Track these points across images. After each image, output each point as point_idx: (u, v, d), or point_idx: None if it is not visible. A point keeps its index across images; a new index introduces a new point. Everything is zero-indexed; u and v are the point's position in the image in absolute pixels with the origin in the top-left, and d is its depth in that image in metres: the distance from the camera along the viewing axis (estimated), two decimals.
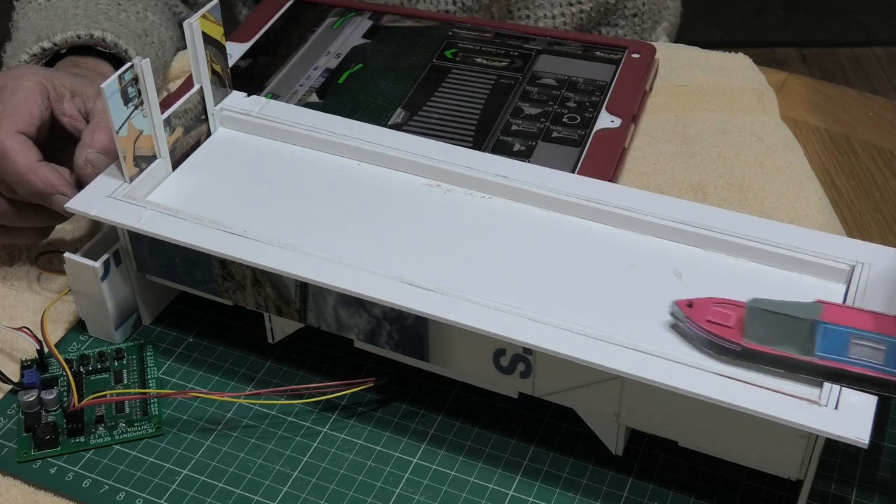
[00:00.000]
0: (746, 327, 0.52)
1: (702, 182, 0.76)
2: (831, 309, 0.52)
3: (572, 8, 0.95)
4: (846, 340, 0.51)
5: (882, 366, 0.51)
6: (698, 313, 0.54)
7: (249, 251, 0.58)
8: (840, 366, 0.51)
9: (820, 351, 0.51)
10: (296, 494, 0.58)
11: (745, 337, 0.52)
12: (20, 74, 0.68)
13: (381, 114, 0.78)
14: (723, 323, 0.53)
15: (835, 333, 0.51)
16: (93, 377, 0.64)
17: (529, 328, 0.54)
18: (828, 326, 0.51)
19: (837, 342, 0.51)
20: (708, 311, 0.54)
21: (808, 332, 0.51)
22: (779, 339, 0.52)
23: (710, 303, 0.54)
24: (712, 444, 0.55)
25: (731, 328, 0.53)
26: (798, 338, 0.52)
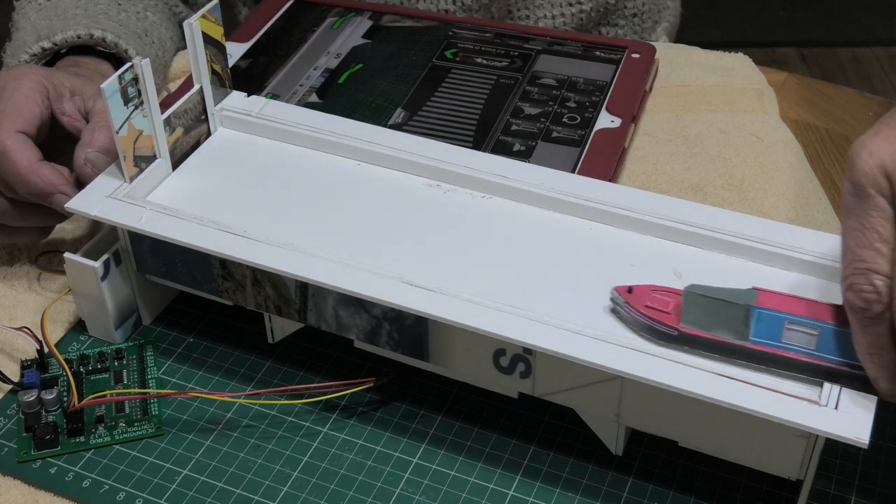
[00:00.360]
0: (683, 313, 0.53)
1: (702, 182, 0.76)
2: (766, 295, 0.53)
3: (572, 8, 0.95)
4: (780, 326, 0.52)
5: (815, 351, 0.52)
6: (637, 299, 0.54)
7: (249, 251, 0.58)
8: (774, 351, 0.52)
9: (754, 336, 0.52)
10: (296, 494, 0.58)
11: (682, 322, 0.53)
12: (20, 74, 0.68)
13: (381, 114, 0.78)
14: (661, 308, 0.54)
15: (769, 319, 0.52)
16: (93, 377, 0.64)
17: (529, 328, 0.54)
18: (762, 312, 0.52)
19: (771, 328, 0.52)
20: (647, 297, 0.55)
21: (742, 317, 0.52)
22: (715, 324, 0.53)
23: (648, 289, 0.55)
24: (712, 445, 0.55)
25: (668, 314, 0.54)
26: (733, 323, 0.52)
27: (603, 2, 0.96)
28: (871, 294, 0.48)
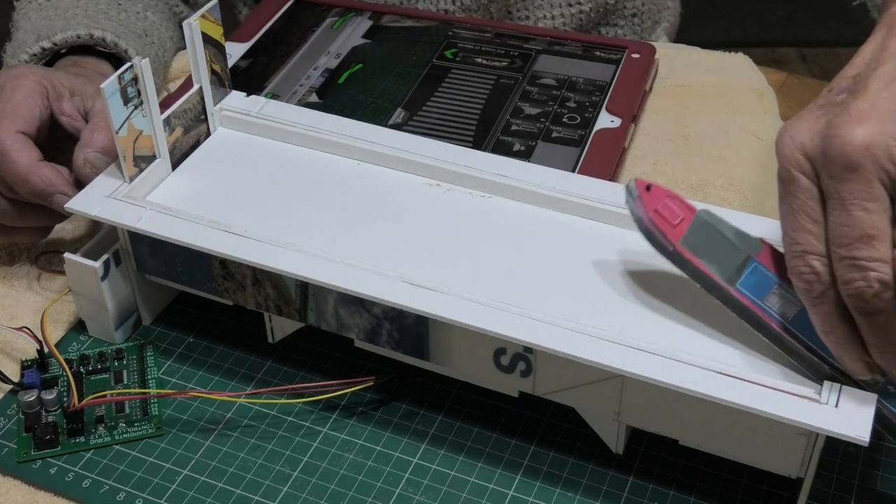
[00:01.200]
0: (688, 232, 0.52)
1: (702, 182, 0.76)
2: (770, 253, 0.52)
3: (572, 9, 0.95)
4: (769, 287, 0.52)
5: (788, 323, 0.52)
6: (651, 199, 0.53)
7: (249, 251, 0.58)
8: (751, 307, 0.52)
9: (741, 285, 0.52)
10: (296, 494, 0.58)
11: (681, 241, 0.52)
12: (20, 74, 0.68)
13: (381, 114, 0.78)
14: (668, 219, 0.53)
15: (762, 276, 0.52)
16: (93, 377, 0.64)
17: (530, 327, 0.54)
18: (759, 266, 0.52)
19: (760, 284, 0.52)
20: (660, 201, 0.53)
21: (740, 263, 0.52)
22: (711, 257, 0.52)
23: (665, 194, 0.54)
24: (713, 443, 0.55)
25: (673, 227, 0.53)
26: (728, 264, 0.52)
27: (602, 2, 0.96)
28: (809, 275, 0.48)
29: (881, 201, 0.46)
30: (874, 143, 0.45)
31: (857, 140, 0.46)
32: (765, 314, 0.52)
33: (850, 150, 0.46)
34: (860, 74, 0.48)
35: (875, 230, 0.46)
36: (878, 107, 0.46)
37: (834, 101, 0.48)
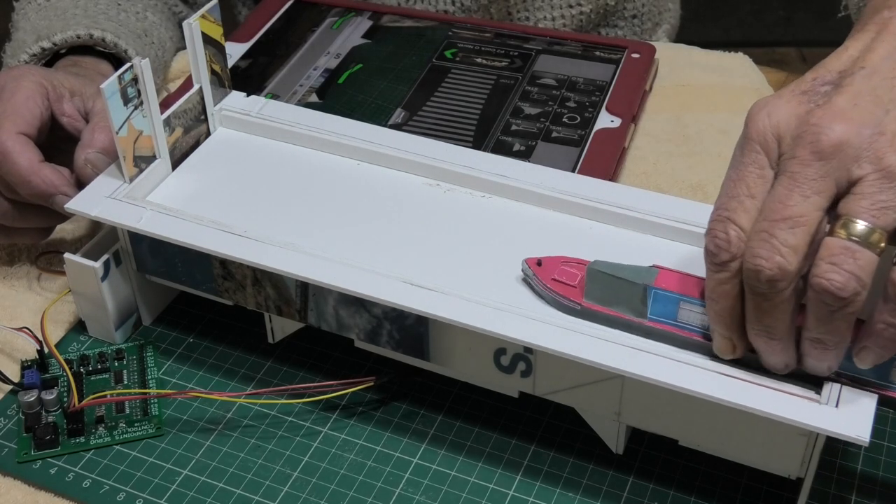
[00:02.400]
0: (587, 288, 0.55)
1: (702, 182, 0.76)
2: (666, 275, 0.54)
3: (572, 10, 0.95)
4: (675, 305, 0.53)
5: (706, 330, 0.53)
6: (546, 272, 0.56)
7: (249, 251, 0.58)
8: (670, 329, 0.53)
9: (652, 314, 0.54)
10: (296, 495, 0.58)
11: (585, 297, 0.55)
12: (19, 75, 0.68)
13: (381, 114, 0.78)
14: (567, 282, 0.55)
15: (665, 298, 0.53)
16: (93, 377, 0.64)
17: (530, 327, 0.54)
18: (659, 292, 0.53)
19: (667, 307, 0.53)
20: (555, 269, 0.56)
21: (641, 295, 0.53)
22: (616, 300, 0.54)
23: (558, 262, 0.56)
24: (713, 443, 0.55)
25: (573, 287, 0.55)
26: (632, 301, 0.54)
27: (602, 3, 0.96)
28: (723, 242, 0.49)
29: (824, 197, 0.47)
30: (848, 143, 0.46)
31: (834, 135, 0.46)
32: (684, 331, 0.53)
33: (825, 142, 0.47)
34: (846, 71, 0.49)
35: (804, 219, 0.47)
36: (859, 108, 0.47)
37: (818, 90, 0.49)
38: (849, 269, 0.46)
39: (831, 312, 0.47)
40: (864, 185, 0.46)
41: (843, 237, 0.46)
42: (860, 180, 0.46)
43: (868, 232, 0.46)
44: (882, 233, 0.46)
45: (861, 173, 0.46)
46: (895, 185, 0.46)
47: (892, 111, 0.47)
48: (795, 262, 0.47)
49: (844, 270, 0.46)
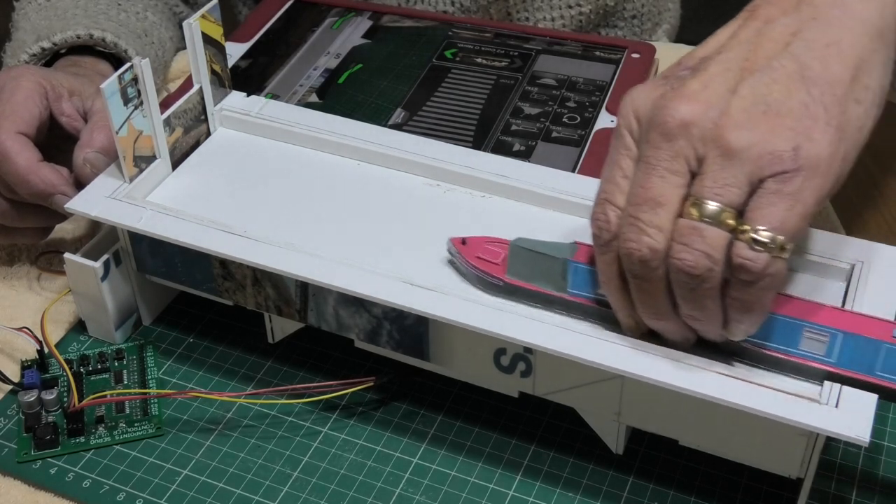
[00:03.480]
0: (509, 264, 0.56)
1: None
2: (586, 250, 0.55)
3: (571, 10, 0.94)
4: (593, 279, 0.54)
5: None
6: (470, 250, 0.57)
7: (249, 251, 0.58)
8: (588, 302, 0.55)
9: (571, 288, 0.55)
10: (296, 495, 0.58)
11: (507, 273, 0.56)
12: (18, 75, 0.68)
13: (381, 114, 0.78)
14: (491, 260, 0.57)
15: (584, 273, 0.54)
16: (93, 377, 0.64)
17: (530, 327, 0.54)
18: (578, 266, 0.54)
19: (586, 281, 0.54)
20: (480, 248, 0.57)
21: (561, 270, 0.55)
22: (537, 276, 0.55)
23: (483, 241, 0.57)
24: (713, 443, 0.55)
25: (497, 265, 0.56)
26: (553, 275, 0.55)
27: (602, 4, 0.96)
28: (603, 223, 0.50)
29: (680, 176, 0.48)
30: (693, 122, 0.48)
31: (678, 115, 0.48)
32: (602, 305, 0.54)
33: (670, 123, 0.48)
34: (708, 57, 0.50)
35: (664, 199, 0.48)
36: (709, 90, 0.48)
37: (677, 75, 0.50)
38: (698, 248, 0.47)
39: (692, 290, 0.48)
40: (707, 165, 0.48)
41: (695, 217, 0.47)
42: (704, 160, 0.48)
43: (716, 211, 0.47)
44: (730, 211, 0.47)
45: (705, 152, 0.48)
46: (736, 162, 0.47)
47: (740, 91, 0.48)
48: (663, 241, 0.48)
49: (695, 249, 0.47)
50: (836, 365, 0.51)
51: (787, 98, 0.48)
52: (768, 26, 0.50)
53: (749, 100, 0.48)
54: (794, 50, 0.49)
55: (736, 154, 0.47)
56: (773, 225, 0.47)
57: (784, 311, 0.52)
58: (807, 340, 0.52)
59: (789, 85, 0.48)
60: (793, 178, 0.47)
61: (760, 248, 0.47)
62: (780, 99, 0.48)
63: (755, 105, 0.47)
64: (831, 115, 0.48)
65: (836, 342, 0.51)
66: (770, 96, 0.48)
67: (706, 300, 0.49)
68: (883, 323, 0.52)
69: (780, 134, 0.47)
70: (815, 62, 0.48)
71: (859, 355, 0.51)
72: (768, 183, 0.47)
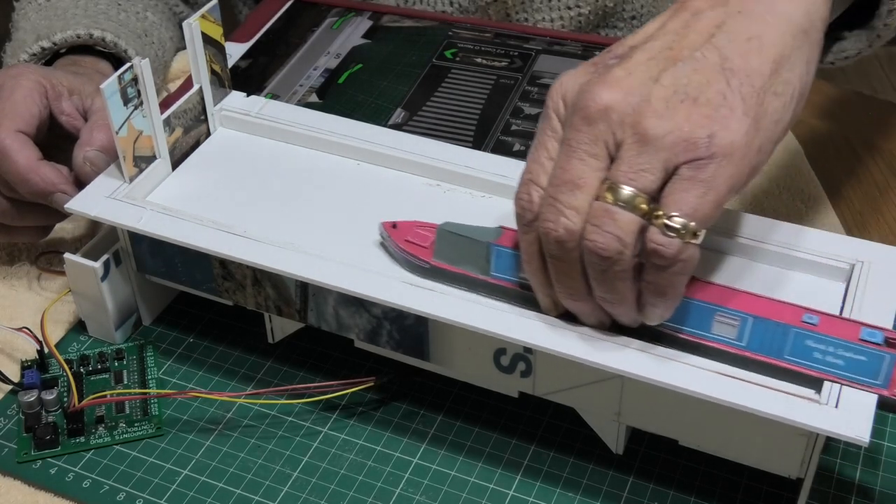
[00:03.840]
0: (436, 248, 0.57)
1: None
2: (510, 234, 0.56)
3: (570, 11, 0.94)
4: (515, 262, 0.55)
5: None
6: (400, 234, 0.58)
7: (249, 251, 0.58)
8: (510, 285, 0.56)
9: (494, 271, 0.56)
10: (296, 495, 0.58)
11: (434, 256, 0.57)
12: (18, 73, 0.68)
13: (381, 114, 0.78)
14: (419, 243, 0.58)
15: (507, 256, 0.55)
16: (93, 377, 0.64)
17: (530, 327, 0.54)
18: (501, 249, 0.55)
19: (509, 264, 0.55)
20: (410, 232, 0.58)
21: (485, 253, 0.56)
22: (462, 259, 0.56)
23: (413, 225, 0.59)
24: (713, 443, 0.55)
25: (425, 248, 0.57)
26: (477, 259, 0.56)
27: (601, 5, 0.96)
28: (526, 202, 0.51)
29: (600, 160, 0.49)
30: (613, 108, 0.48)
31: (600, 100, 0.49)
32: (525, 288, 0.55)
33: (592, 107, 0.49)
34: (636, 46, 0.51)
35: (583, 182, 0.49)
36: (632, 77, 0.49)
37: (605, 62, 0.51)
38: (610, 231, 0.48)
39: (603, 272, 0.49)
40: (624, 150, 0.48)
41: (609, 201, 0.48)
42: (622, 145, 0.48)
43: (630, 195, 0.48)
44: (642, 195, 0.48)
45: (623, 138, 0.48)
46: (651, 148, 0.48)
47: (662, 80, 0.49)
48: (580, 223, 0.49)
49: (606, 232, 0.48)
50: (747, 349, 0.53)
51: (705, 88, 0.49)
52: (695, 17, 0.51)
53: (670, 89, 0.49)
54: (717, 42, 0.50)
55: (652, 141, 0.48)
56: (685, 211, 0.48)
57: (697, 295, 0.53)
58: (718, 325, 0.53)
59: (709, 75, 0.49)
60: (706, 165, 0.48)
61: (673, 233, 0.48)
62: (699, 88, 0.49)
63: (675, 94, 0.48)
64: (748, 105, 0.49)
65: (746, 326, 0.52)
66: (690, 86, 0.49)
67: (617, 283, 0.50)
68: (793, 308, 0.53)
69: (696, 122, 0.48)
70: (735, 54, 0.49)
71: (769, 339, 0.52)
72: (683, 170, 0.48)
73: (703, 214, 0.48)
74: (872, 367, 0.50)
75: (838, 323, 0.52)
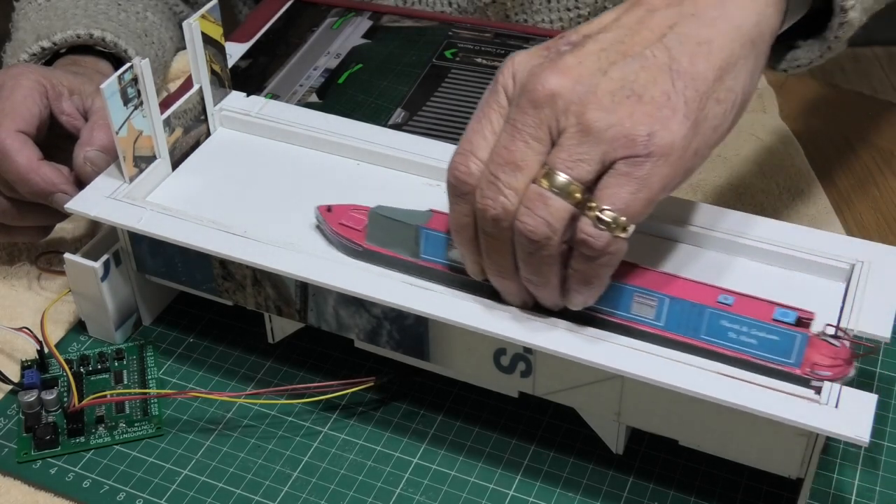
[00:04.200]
0: (369, 231, 0.58)
1: (701, 182, 0.76)
2: (440, 218, 0.57)
3: (570, 13, 0.94)
4: (444, 245, 0.57)
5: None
6: (335, 217, 0.60)
7: (249, 251, 0.58)
8: (441, 268, 0.57)
9: (424, 254, 0.57)
10: (296, 495, 0.58)
11: (367, 239, 0.58)
12: (18, 73, 0.68)
13: (381, 114, 0.78)
14: (353, 226, 0.59)
15: (436, 239, 0.57)
16: (93, 377, 0.64)
17: (529, 328, 0.54)
18: (430, 232, 0.57)
19: (438, 247, 0.57)
20: (344, 215, 0.60)
21: (415, 236, 0.57)
22: (394, 242, 0.58)
23: (348, 209, 0.60)
24: (713, 443, 0.55)
25: (358, 231, 0.59)
26: (408, 242, 0.57)
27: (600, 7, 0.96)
28: (464, 174, 0.51)
29: (543, 144, 0.49)
30: (560, 95, 0.49)
31: (548, 85, 0.49)
32: (454, 270, 0.56)
33: (539, 91, 0.49)
34: (590, 35, 0.51)
35: (525, 164, 0.49)
36: (582, 65, 0.50)
37: (558, 48, 0.51)
38: (540, 215, 0.49)
39: (530, 254, 0.50)
40: (565, 138, 0.49)
41: (545, 186, 0.49)
42: (563, 132, 0.49)
43: (565, 183, 0.49)
44: (577, 184, 0.49)
45: (565, 125, 0.49)
46: (591, 140, 0.48)
47: (611, 73, 0.49)
48: (516, 203, 0.50)
49: (536, 215, 0.49)
50: (665, 329, 0.53)
51: (651, 86, 0.49)
52: (649, 14, 0.51)
53: (617, 83, 0.49)
54: (668, 42, 0.50)
55: (593, 132, 0.48)
56: (617, 206, 0.48)
57: (618, 277, 0.54)
58: (637, 305, 0.54)
59: (656, 74, 0.49)
60: (643, 163, 0.48)
61: (603, 226, 0.48)
62: (644, 86, 0.49)
63: (622, 89, 0.49)
64: (690, 108, 0.49)
65: (663, 307, 0.53)
66: (636, 83, 0.49)
67: (543, 266, 0.50)
68: (710, 289, 0.54)
69: (638, 119, 0.48)
70: (684, 57, 0.50)
71: (685, 319, 0.53)
72: (619, 165, 0.48)
73: (634, 211, 0.49)
74: (784, 347, 0.52)
75: (753, 303, 0.53)
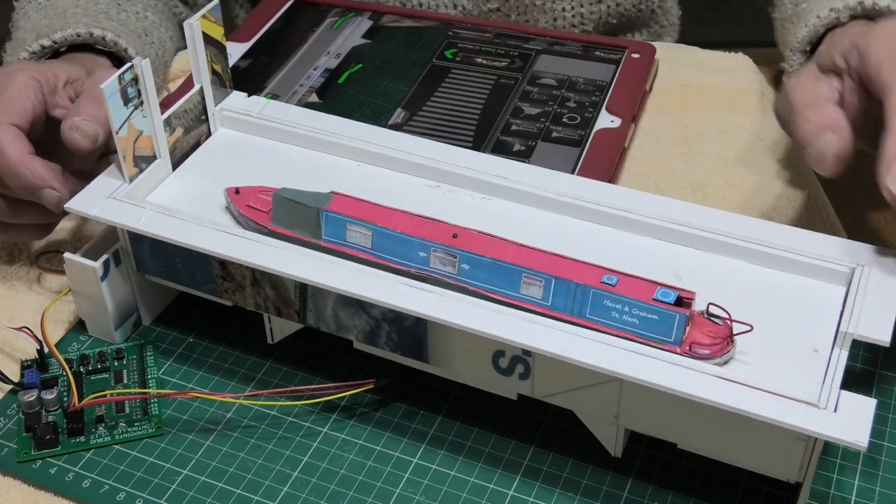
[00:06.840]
0: (273, 213, 0.60)
1: (702, 182, 0.76)
2: (341, 200, 0.60)
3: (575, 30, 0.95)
4: (345, 227, 0.59)
5: (370, 249, 0.59)
6: (242, 199, 0.62)
7: (249, 251, 0.58)
8: (341, 249, 0.59)
9: (326, 236, 0.59)
10: (296, 495, 0.58)
11: (272, 221, 0.60)
12: (13, 70, 0.68)
13: (381, 114, 0.78)
14: (260, 208, 0.61)
15: (336, 221, 0.59)
16: (93, 377, 0.64)
17: (528, 330, 0.54)
18: (330, 214, 0.59)
19: (338, 228, 0.59)
20: (252, 197, 0.62)
21: (316, 218, 0.59)
22: (297, 224, 0.60)
23: (256, 190, 0.62)
24: (711, 447, 0.55)
25: (264, 213, 0.61)
26: (310, 223, 0.59)
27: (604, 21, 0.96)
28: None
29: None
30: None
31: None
32: (352, 250, 0.59)
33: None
34: None
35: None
36: None
37: None
38: None
39: None
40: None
41: None
42: None
43: None
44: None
45: None
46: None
47: None
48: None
49: None
50: (552, 308, 0.55)
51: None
52: None
53: None
54: None
55: None
56: None
57: (505, 257, 0.55)
58: (526, 285, 0.55)
59: None
60: None
61: None
62: None
63: None
64: None
65: (550, 287, 0.55)
66: None
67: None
68: (595, 269, 0.55)
69: None
70: None
71: (570, 299, 0.54)
72: None
73: None
74: (664, 326, 0.53)
75: (636, 283, 0.54)
